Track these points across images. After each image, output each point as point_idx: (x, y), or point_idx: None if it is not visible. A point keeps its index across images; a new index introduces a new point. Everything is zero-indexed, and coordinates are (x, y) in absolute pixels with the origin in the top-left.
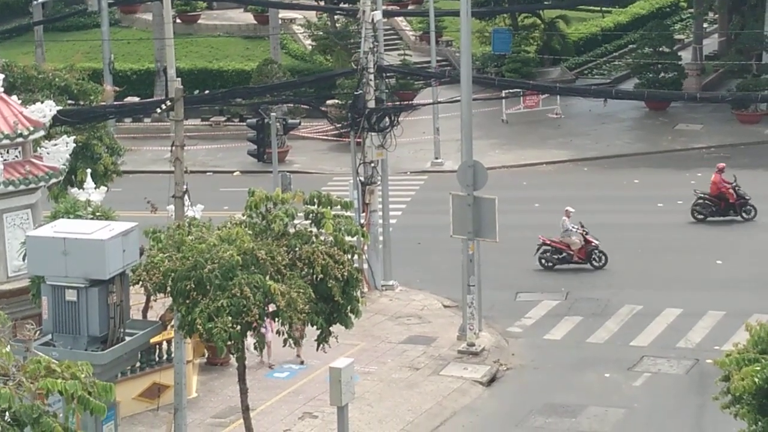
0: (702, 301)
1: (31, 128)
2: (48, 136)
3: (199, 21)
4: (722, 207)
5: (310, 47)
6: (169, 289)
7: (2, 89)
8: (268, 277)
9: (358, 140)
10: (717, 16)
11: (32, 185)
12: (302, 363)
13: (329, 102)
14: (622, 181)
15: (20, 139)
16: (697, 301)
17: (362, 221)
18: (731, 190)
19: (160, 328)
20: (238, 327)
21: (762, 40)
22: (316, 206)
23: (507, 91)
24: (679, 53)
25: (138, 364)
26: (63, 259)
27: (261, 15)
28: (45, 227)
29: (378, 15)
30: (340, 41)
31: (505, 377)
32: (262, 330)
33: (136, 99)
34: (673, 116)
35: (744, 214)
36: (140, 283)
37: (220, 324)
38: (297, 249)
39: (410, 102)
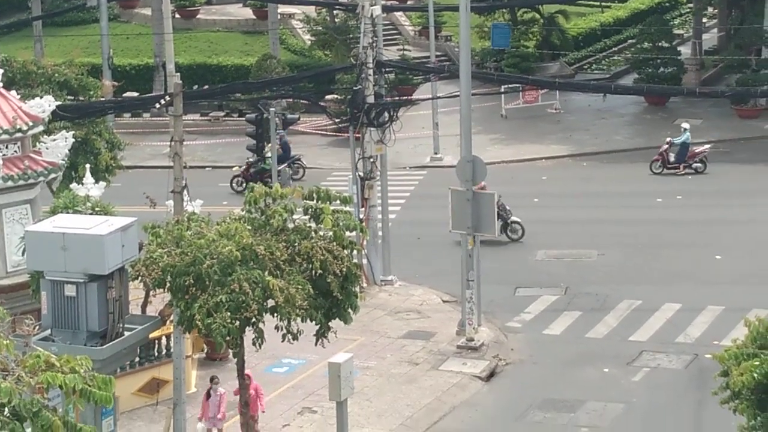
0: (701, 296)
1: (30, 123)
2: (47, 132)
3: (198, 16)
4: None
5: (309, 42)
6: (168, 284)
7: (1, 84)
8: (267, 273)
9: (358, 135)
10: (716, 11)
11: (31, 180)
12: None
13: (328, 97)
14: (621, 175)
15: (19, 134)
16: (696, 296)
17: (361, 216)
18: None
19: (159, 324)
20: (237, 322)
21: (761, 34)
22: (315, 201)
23: (506, 86)
24: (679, 48)
25: (137, 359)
26: (62, 255)
27: (260, 10)
28: (44, 222)
29: (377, 10)
30: (339, 36)
31: (504, 372)
32: (218, 418)
33: (135, 94)
34: (673, 111)
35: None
36: (139, 278)
37: (219, 319)
38: (296, 244)
39: (409, 97)
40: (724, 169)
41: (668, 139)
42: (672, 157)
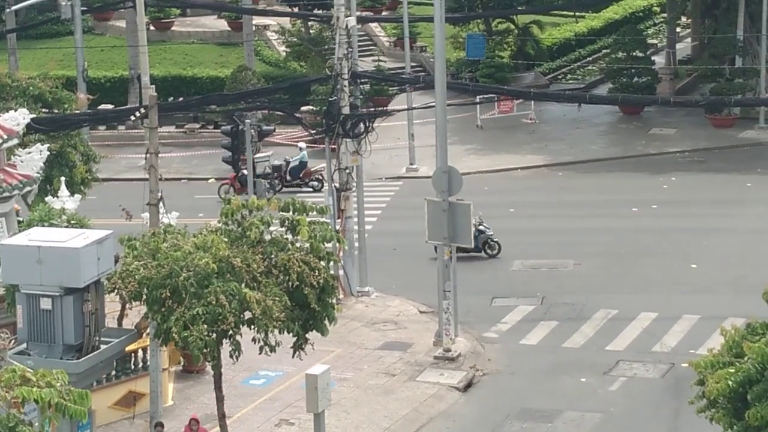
0: (677, 305)
1: (5, 136)
2: (22, 145)
3: (172, 28)
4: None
5: (285, 54)
6: (144, 297)
7: None
8: (243, 285)
9: (333, 146)
10: (690, 20)
11: (6, 194)
12: None
13: (304, 108)
14: (597, 185)
15: None
16: (672, 304)
17: (338, 227)
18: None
19: (136, 336)
20: (214, 335)
21: (735, 44)
22: (291, 213)
23: (481, 96)
24: (653, 58)
25: (113, 373)
26: (38, 268)
27: (235, 22)
28: (19, 236)
29: (352, 21)
30: (314, 47)
31: (482, 383)
32: None
33: (110, 106)
34: (647, 120)
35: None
36: (115, 291)
37: (195, 332)
38: (273, 256)
39: (385, 108)
40: (698, 178)
41: (286, 158)
42: (288, 176)
